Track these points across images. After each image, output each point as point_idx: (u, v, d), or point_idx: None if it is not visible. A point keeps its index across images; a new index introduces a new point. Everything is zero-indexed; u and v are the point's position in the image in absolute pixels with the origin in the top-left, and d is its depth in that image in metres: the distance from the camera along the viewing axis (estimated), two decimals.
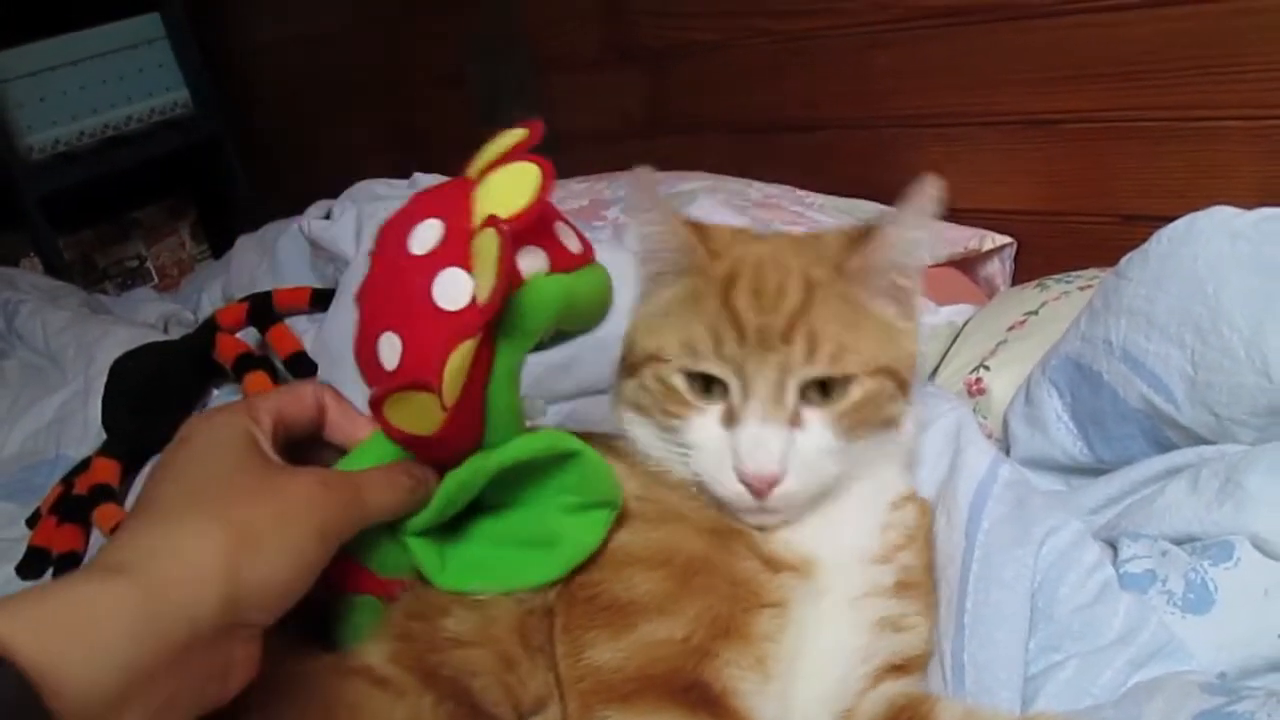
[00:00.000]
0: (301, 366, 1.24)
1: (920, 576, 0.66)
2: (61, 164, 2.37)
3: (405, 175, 1.56)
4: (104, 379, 1.28)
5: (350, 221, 1.34)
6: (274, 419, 0.55)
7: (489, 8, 1.89)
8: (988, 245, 1.31)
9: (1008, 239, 1.33)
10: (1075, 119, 1.21)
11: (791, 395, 0.59)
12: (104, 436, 1.26)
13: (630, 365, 0.66)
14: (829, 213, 1.35)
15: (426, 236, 0.56)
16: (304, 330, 1.32)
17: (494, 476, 0.57)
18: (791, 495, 0.60)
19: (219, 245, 2.60)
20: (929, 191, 0.61)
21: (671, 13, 1.60)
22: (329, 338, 1.24)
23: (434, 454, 0.57)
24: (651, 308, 0.67)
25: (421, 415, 0.53)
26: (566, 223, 0.60)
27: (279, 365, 1.26)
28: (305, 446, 0.59)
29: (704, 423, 0.61)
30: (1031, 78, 1.22)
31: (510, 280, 0.52)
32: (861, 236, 0.63)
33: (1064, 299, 1.06)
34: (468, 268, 0.53)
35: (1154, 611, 0.61)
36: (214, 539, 0.44)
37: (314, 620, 0.55)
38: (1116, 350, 0.79)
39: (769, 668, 0.59)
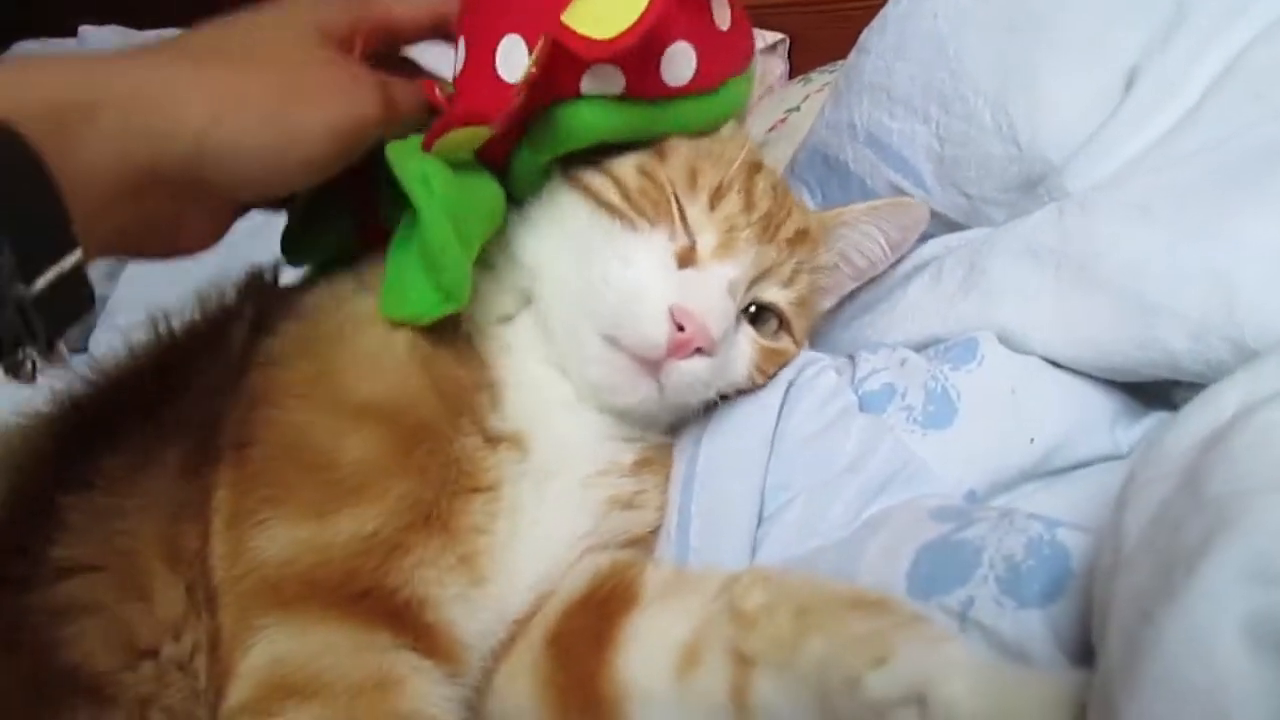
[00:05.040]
0: None
1: (661, 451, 0.57)
2: None
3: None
4: None
5: None
6: (379, 23, 0.53)
7: None
8: (760, 44, 1.19)
9: (780, 35, 1.21)
10: None
11: (748, 292, 0.54)
12: None
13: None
14: None
15: None
16: None
17: None
18: (691, 377, 0.51)
19: None
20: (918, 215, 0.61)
21: None
22: None
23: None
24: None
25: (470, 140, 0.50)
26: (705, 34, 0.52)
27: None
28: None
29: (658, 243, 0.52)
30: None
31: (646, 31, 0.45)
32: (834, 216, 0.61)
33: (826, 91, 0.95)
34: (531, 41, 0.48)
35: (889, 432, 0.52)
36: (206, 89, 0.43)
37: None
38: (860, 133, 0.69)
39: (477, 568, 0.48)
